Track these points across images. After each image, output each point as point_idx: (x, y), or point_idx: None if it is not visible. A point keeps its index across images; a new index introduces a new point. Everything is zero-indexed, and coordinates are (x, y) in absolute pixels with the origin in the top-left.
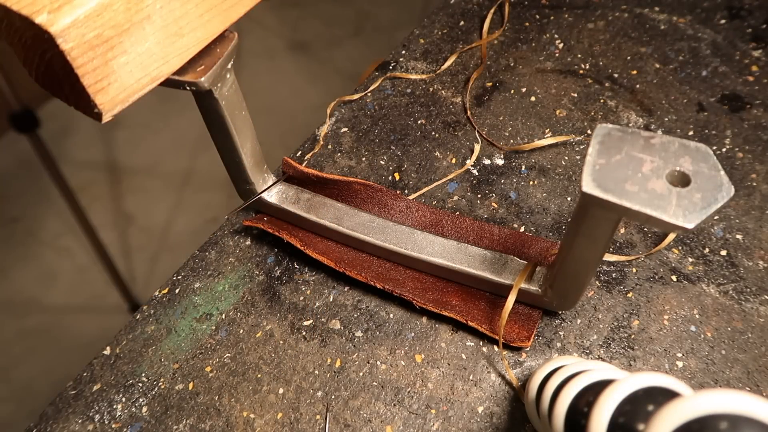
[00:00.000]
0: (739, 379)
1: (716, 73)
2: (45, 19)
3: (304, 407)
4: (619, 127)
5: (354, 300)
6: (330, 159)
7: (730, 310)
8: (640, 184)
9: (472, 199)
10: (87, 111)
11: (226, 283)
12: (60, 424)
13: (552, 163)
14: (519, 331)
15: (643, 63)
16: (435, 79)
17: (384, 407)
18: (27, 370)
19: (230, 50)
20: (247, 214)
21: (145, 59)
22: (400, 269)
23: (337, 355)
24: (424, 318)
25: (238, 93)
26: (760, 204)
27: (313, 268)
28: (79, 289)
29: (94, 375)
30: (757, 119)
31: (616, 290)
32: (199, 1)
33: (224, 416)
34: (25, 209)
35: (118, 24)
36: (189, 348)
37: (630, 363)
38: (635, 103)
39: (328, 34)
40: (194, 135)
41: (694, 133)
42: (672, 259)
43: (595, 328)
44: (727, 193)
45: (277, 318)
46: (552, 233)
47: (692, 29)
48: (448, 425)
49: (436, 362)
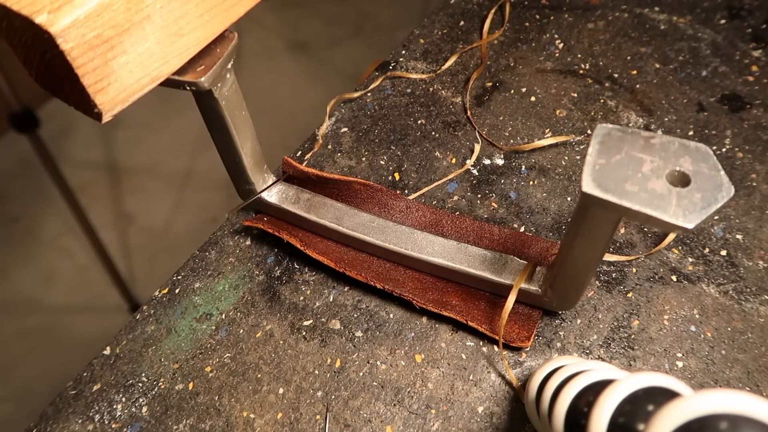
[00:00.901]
0: (739, 379)
1: (716, 73)
2: (45, 19)
3: (304, 407)
4: (619, 127)
5: (354, 300)
6: (330, 159)
7: (730, 310)
8: (640, 184)
9: (472, 199)
10: (87, 111)
11: (226, 283)
12: (60, 424)
13: (552, 163)
14: (519, 331)
15: (643, 63)
16: (435, 79)
17: (384, 407)
18: (27, 370)
19: (230, 50)
20: (247, 214)
21: (145, 59)
22: (400, 269)
23: (337, 355)
24: (424, 318)
25: (238, 93)
26: (760, 204)
27: (313, 268)
28: (79, 289)
29: (94, 375)
30: (757, 119)
31: (616, 290)
32: (199, 1)
33: (224, 416)
34: (25, 209)
35: (118, 24)
36: (189, 348)
37: (630, 363)
38: (635, 103)
39: (328, 34)
40: (194, 135)
41: (694, 133)
42: (672, 259)
43: (595, 328)
44: (727, 193)
45: (277, 318)
46: (552, 233)
47: (692, 29)
48: (448, 425)
49: (436, 362)
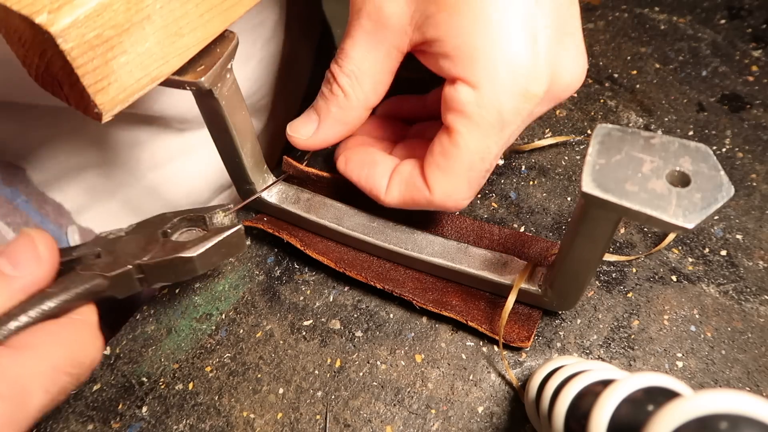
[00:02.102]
0: (739, 379)
1: (716, 73)
2: (45, 19)
3: (304, 407)
4: (619, 127)
5: (354, 300)
6: (330, 159)
7: (730, 310)
8: (640, 184)
9: (472, 199)
10: (87, 111)
11: (226, 283)
12: (60, 424)
13: (552, 163)
14: (519, 331)
15: (643, 63)
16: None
17: (384, 407)
18: None
19: (230, 50)
20: (247, 214)
21: (145, 59)
22: (400, 269)
23: (337, 355)
24: (424, 318)
25: (238, 93)
26: (760, 204)
27: (313, 268)
28: None
29: (94, 375)
30: (757, 119)
31: (616, 290)
32: (199, 1)
33: (224, 416)
34: None
35: (118, 24)
36: (189, 348)
37: (630, 363)
38: (635, 103)
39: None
40: None
41: (694, 133)
42: (672, 259)
43: (595, 328)
44: (727, 193)
45: (277, 318)
46: (552, 233)
47: (692, 29)
48: (448, 425)
49: (436, 362)
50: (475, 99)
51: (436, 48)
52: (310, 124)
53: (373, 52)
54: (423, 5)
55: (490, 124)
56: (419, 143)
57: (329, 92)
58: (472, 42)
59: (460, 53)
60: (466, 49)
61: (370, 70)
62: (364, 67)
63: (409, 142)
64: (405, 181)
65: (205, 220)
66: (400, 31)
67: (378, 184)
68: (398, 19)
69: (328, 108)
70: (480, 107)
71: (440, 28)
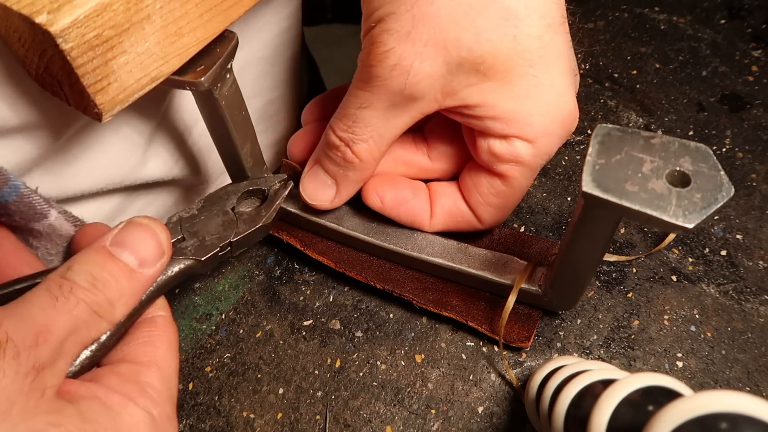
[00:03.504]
0: (739, 379)
1: (716, 73)
2: (45, 19)
3: (304, 407)
4: (619, 127)
5: (354, 300)
6: None
7: (730, 310)
8: (640, 184)
9: None
10: (87, 111)
11: (226, 283)
12: None
13: (552, 163)
14: (519, 331)
15: (643, 63)
16: None
17: (384, 407)
18: None
19: (230, 50)
20: None
21: (145, 59)
22: (400, 269)
23: (337, 355)
24: (424, 318)
25: (238, 93)
26: (760, 204)
27: (313, 268)
28: None
29: None
30: (757, 119)
31: (616, 290)
32: (199, 1)
33: (224, 416)
34: None
35: (118, 24)
36: (189, 348)
37: (630, 363)
38: (635, 103)
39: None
40: None
41: (694, 133)
42: (672, 259)
43: (595, 328)
44: (727, 193)
45: (277, 318)
46: (552, 233)
47: (692, 29)
48: (448, 425)
49: (436, 362)
50: (532, 151)
51: (482, 112)
52: (328, 190)
53: (394, 120)
54: (461, 77)
55: (540, 165)
56: (439, 159)
57: (342, 159)
58: (527, 108)
59: (515, 116)
60: (521, 113)
61: (389, 133)
62: (385, 133)
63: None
64: (450, 213)
65: (262, 190)
66: (430, 100)
67: (420, 217)
68: (428, 90)
69: (345, 174)
70: (536, 157)
71: (487, 96)
